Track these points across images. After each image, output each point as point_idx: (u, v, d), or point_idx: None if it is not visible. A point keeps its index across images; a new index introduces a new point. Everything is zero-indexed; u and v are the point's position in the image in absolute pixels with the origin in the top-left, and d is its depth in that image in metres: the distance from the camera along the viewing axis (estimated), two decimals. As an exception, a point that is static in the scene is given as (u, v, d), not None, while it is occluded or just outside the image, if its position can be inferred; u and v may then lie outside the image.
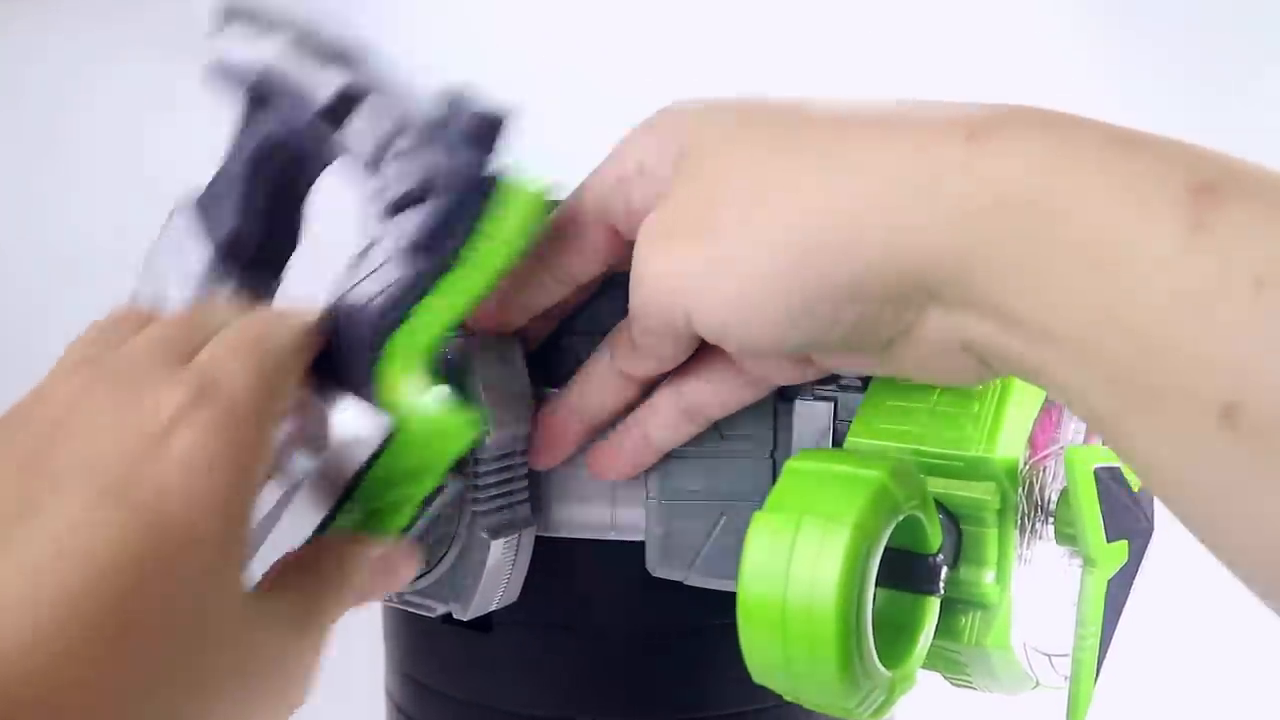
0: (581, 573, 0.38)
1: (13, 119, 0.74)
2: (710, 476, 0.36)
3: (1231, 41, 0.82)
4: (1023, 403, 0.28)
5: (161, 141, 0.69)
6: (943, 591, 0.26)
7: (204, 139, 0.36)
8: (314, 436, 0.31)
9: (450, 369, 0.34)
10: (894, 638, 0.26)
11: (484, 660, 0.40)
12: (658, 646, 0.39)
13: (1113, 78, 0.83)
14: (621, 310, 0.37)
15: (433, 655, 0.42)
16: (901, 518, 0.24)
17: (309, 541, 0.31)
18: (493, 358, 0.35)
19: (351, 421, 0.31)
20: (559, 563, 0.38)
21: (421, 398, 0.31)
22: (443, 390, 0.31)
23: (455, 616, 0.36)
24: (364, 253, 0.30)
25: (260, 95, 0.33)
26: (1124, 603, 0.30)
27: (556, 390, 0.37)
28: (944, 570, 0.26)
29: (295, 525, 0.32)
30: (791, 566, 0.23)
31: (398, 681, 0.44)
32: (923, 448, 0.28)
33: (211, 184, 0.35)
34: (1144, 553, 0.30)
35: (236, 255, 0.35)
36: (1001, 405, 0.28)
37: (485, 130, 0.30)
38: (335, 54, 0.33)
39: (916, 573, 0.26)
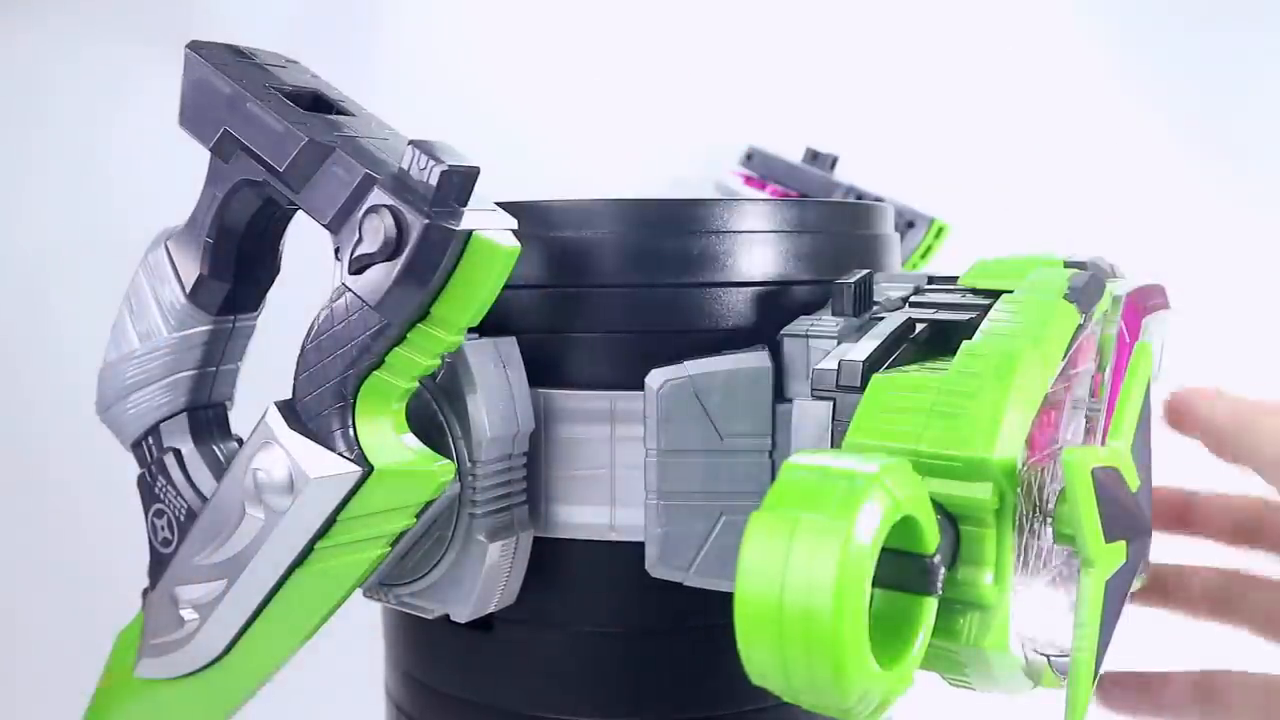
0: (582, 572, 0.38)
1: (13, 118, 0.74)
2: (709, 477, 0.36)
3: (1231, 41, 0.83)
4: (1021, 403, 0.28)
5: (128, 129, 0.69)
6: (940, 592, 0.26)
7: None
8: (289, 479, 0.31)
9: (446, 371, 0.35)
10: (891, 638, 0.26)
11: (484, 660, 0.40)
12: (658, 646, 0.39)
13: (1113, 78, 0.83)
14: (623, 310, 0.37)
15: (433, 655, 0.42)
16: (899, 518, 0.24)
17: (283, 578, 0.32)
18: (491, 359, 0.35)
19: (324, 462, 0.31)
20: (560, 562, 0.38)
21: (391, 445, 0.31)
22: (411, 439, 0.32)
23: (453, 619, 0.36)
24: (333, 301, 0.31)
25: (225, 150, 0.33)
26: (1123, 603, 0.30)
27: (557, 391, 0.37)
28: (941, 571, 0.26)
29: (270, 563, 0.32)
30: (788, 567, 0.23)
31: (398, 681, 0.44)
32: (920, 448, 0.28)
33: (187, 224, 0.35)
34: (1143, 552, 0.30)
35: (207, 302, 0.35)
36: (1000, 405, 0.28)
37: (456, 185, 0.30)
38: (305, 99, 0.33)
39: (913, 573, 0.26)
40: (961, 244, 0.64)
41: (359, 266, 0.30)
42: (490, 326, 0.36)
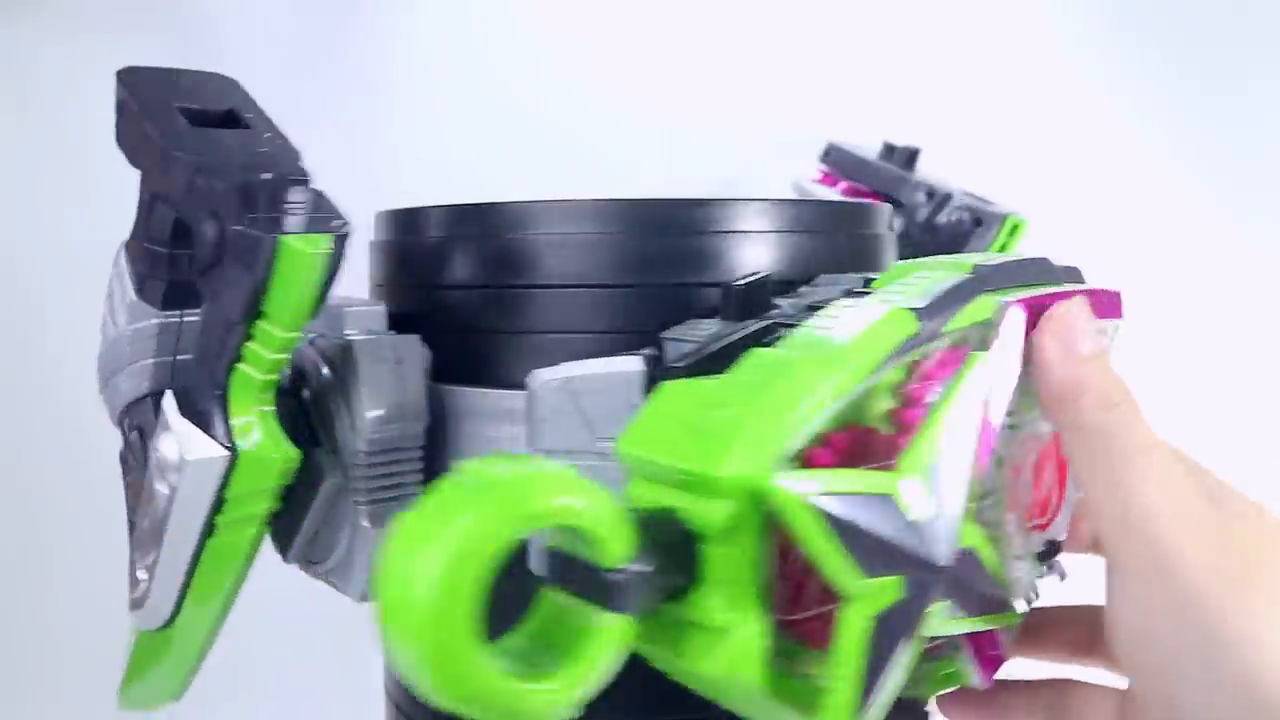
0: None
1: (14, 119, 0.78)
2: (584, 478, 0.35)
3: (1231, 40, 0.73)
4: (785, 418, 0.26)
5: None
6: (626, 609, 0.25)
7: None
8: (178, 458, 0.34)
9: (331, 368, 0.37)
10: (564, 645, 0.25)
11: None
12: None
13: (1112, 77, 0.76)
14: (553, 311, 0.37)
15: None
16: (550, 526, 0.24)
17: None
18: (382, 355, 0.37)
19: (200, 445, 0.34)
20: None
21: (251, 432, 0.34)
22: (271, 425, 0.35)
23: (351, 600, 0.38)
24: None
25: (140, 166, 0.36)
26: (905, 642, 0.27)
27: (470, 389, 0.38)
28: (624, 585, 0.25)
29: (179, 533, 0.36)
30: (408, 567, 0.23)
31: (397, 680, 0.46)
32: (658, 460, 0.27)
33: (133, 229, 0.39)
34: (930, 588, 0.27)
35: (152, 299, 0.39)
36: (746, 421, 0.26)
37: (273, 192, 0.32)
38: (212, 117, 0.36)
39: (592, 584, 0.25)
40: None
41: (201, 269, 0.33)
42: (427, 323, 0.38)
